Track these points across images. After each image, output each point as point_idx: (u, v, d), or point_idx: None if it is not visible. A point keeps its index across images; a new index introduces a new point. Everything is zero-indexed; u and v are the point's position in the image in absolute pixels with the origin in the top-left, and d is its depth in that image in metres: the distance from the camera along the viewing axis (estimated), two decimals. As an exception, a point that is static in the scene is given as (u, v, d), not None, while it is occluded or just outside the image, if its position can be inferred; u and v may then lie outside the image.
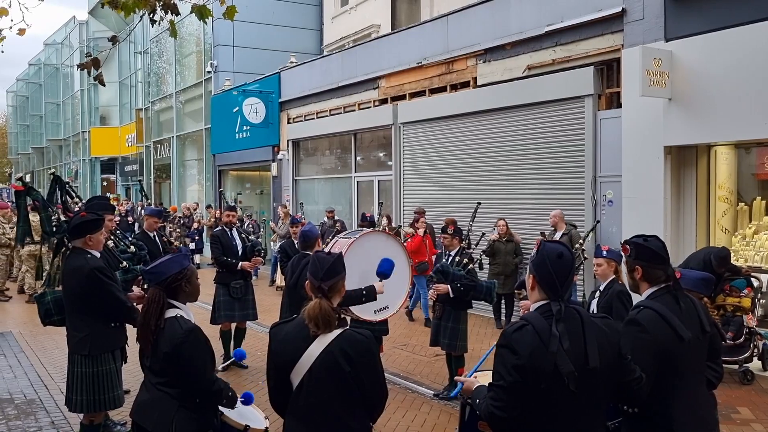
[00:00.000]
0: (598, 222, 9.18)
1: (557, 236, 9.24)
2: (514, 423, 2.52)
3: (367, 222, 8.78)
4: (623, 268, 5.08)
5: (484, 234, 9.49)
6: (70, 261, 4.74)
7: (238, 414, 3.71)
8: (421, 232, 10.74)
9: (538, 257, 2.68)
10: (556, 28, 9.90)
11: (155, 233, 8.00)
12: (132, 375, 6.97)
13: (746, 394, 6.93)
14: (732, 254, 8.51)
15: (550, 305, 2.58)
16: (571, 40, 9.81)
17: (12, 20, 7.24)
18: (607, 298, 4.89)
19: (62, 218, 5.44)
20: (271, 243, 15.06)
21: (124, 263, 5.46)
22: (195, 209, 19.94)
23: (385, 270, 5.14)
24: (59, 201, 5.80)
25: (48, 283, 5.53)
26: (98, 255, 4.83)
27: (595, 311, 4.95)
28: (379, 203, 12.98)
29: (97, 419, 4.87)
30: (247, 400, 3.81)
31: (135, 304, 4.99)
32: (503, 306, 10.29)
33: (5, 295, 13.00)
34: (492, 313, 10.36)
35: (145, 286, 5.75)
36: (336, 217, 13.95)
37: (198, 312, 10.50)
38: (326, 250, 6.13)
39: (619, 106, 9.14)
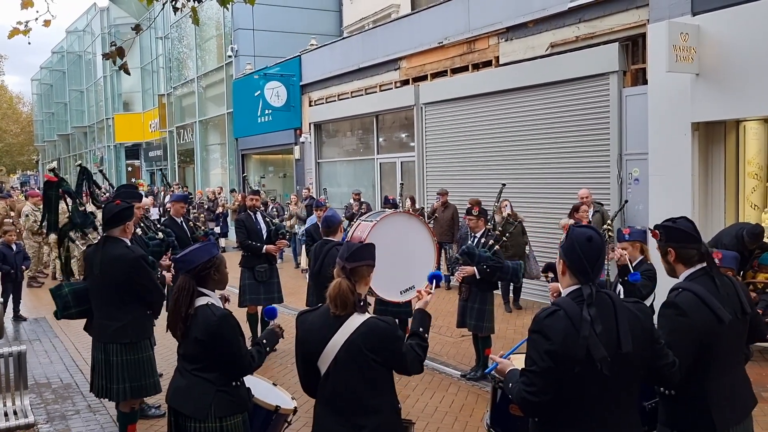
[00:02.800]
0: (626, 202, 9.08)
1: (589, 214, 9.11)
2: (546, 407, 2.53)
3: (389, 204, 8.80)
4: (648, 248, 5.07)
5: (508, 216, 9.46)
6: (109, 250, 4.74)
7: (267, 396, 3.81)
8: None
9: (567, 242, 2.66)
10: (580, 4, 9.75)
11: (182, 219, 8.10)
12: (164, 359, 7.10)
13: (777, 372, 6.88)
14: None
15: (582, 290, 2.57)
16: (595, 16, 9.66)
17: (37, 11, 7.32)
18: (635, 279, 4.88)
19: (88, 209, 5.50)
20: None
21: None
22: (219, 193, 20.11)
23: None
24: (87, 191, 5.88)
25: (66, 275, 5.54)
26: (129, 243, 4.90)
27: (622, 291, 4.94)
28: (400, 184, 12.98)
29: (137, 405, 4.99)
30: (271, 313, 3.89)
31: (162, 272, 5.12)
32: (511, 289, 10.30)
33: (38, 281, 13.28)
34: (513, 293, 10.35)
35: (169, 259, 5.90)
36: (362, 200, 13.96)
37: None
38: (350, 232, 6.19)
39: (645, 82, 9.00)
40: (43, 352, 8.25)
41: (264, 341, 3.70)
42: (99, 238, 5.12)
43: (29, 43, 6.34)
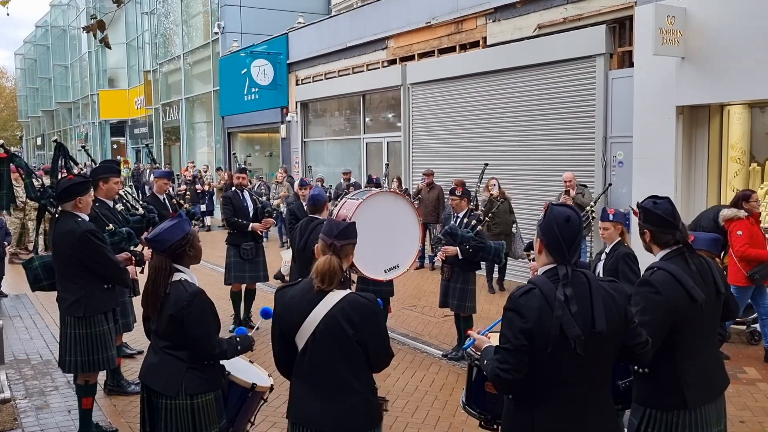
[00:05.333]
0: (610, 185, 9.11)
1: (572, 194, 9.13)
2: (519, 385, 2.54)
3: (373, 184, 8.77)
4: (630, 229, 5.09)
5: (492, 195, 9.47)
6: (60, 224, 4.71)
7: (244, 373, 3.80)
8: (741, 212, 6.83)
9: (545, 221, 2.65)
10: (568, -15, 9.70)
11: (165, 196, 8.03)
12: (145, 337, 7.07)
13: (753, 354, 6.96)
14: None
15: (557, 269, 2.57)
16: (583, -3, 9.61)
17: (16, -18, 7.14)
18: (613, 261, 4.91)
19: (46, 184, 5.43)
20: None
21: (110, 226, 5.43)
22: (205, 171, 19.99)
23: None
24: (64, 168, 5.78)
25: (36, 249, 5.56)
26: (87, 218, 4.82)
27: (601, 273, 4.96)
28: (385, 165, 12.95)
29: (91, 379, 4.92)
30: (266, 314, 3.64)
31: (124, 266, 5.02)
32: (496, 269, 10.27)
33: (20, 257, 13.16)
34: (498, 272, 10.36)
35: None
36: (352, 180, 13.91)
37: (210, 274, 10.63)
38: (335, 211, 6.16)
39: (631, 65, 8.99)
40: (23, 328, 8.20)
41: (238, 339, 3.65)
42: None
43: (8, 14, 6.22)
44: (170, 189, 8.37)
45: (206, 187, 18.63)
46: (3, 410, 5.42)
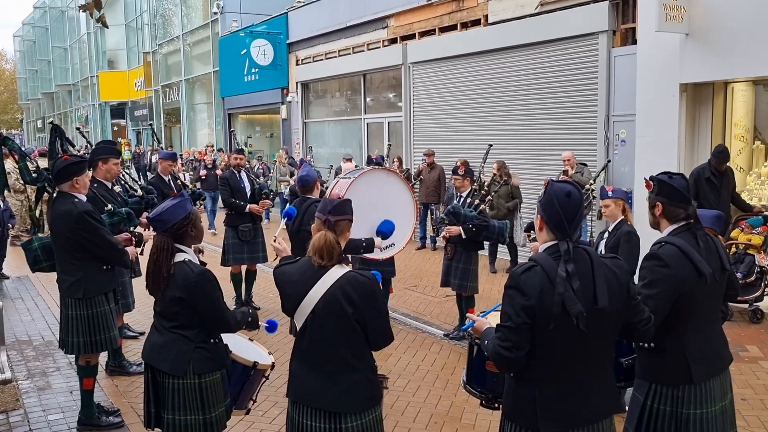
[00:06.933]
0: (609, 161, 9.05)
1: (571, 173, 9.10)
2: (521, 363, 2.52)
3: (372, 163, 8.71)
4: (632, 208, 5.05)
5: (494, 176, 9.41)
6: (57, 205, 4.66)
7: (245, 351, 3.80)
8: None
9: (545, 197, 2.61)
10: (571, -39, 9.56)
11: (170, 177, 7.99)
12: (147, 317, 7.07)
13: (755, 332, 6.96)
14: (747, 192, 8.43)
15: (558, 245, 2.54)
16: (586, -27, 9.48)
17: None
18: (615, 239, 4.87)
19: (40, 166, 5.39)
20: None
21: (109, 206, 5.39)
22: (205, 153, 19.90)
23: (384, 230, 5.27)
24: (60, 150, 5.73)
25: (35, 230, 5.53)
26: (84, 198, 4.77)
27: (603, 251, 4.93)
28: (387, 145, 12.87)
29: (93, 360, 4.91)
30: (272, 327, 3.79)
31: (123, 246, 4.99)
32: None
33: (21, 239, 13.16)
34: (506, 254, 10.32)
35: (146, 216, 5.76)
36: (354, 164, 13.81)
37: (209, 255, 10.58)
38: (328, 191, 6.12)
39: (635, 42, 8.88)
40: (25, 309, 8.21)
41: (250, 311, 3.73)
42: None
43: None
44: (174, 170, 8.29)
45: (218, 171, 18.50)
46: (5, 391, 5.42)
